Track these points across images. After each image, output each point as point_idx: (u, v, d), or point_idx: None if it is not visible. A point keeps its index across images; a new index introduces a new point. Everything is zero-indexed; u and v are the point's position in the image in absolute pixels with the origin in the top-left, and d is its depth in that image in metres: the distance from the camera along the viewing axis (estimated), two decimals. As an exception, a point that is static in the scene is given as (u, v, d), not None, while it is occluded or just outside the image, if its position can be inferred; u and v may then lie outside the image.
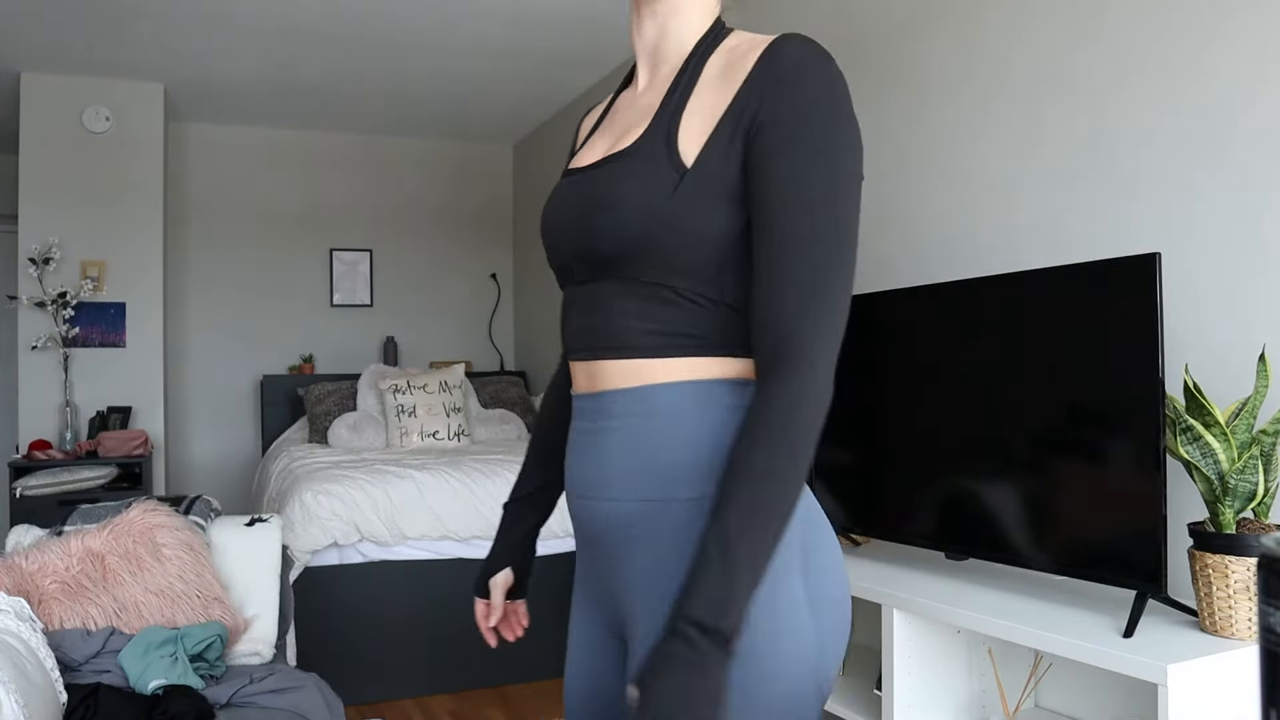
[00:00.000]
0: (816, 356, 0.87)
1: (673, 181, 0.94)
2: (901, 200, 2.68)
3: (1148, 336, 1.66)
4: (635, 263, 0.95)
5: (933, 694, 2.00)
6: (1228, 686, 1.53)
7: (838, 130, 0.90)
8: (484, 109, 5.30)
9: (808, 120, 0.90)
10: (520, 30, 4.08)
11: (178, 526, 2.31)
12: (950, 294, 2.11)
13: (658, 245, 0.93)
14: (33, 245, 4.48)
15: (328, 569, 3.35)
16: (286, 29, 4.03)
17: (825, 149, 0.89)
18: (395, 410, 4.62)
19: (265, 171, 5.58)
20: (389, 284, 5.84)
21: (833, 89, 0.91)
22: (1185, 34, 1.92)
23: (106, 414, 4.53)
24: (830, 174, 0.89)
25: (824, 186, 0.88)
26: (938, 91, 2.56)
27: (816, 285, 0.87)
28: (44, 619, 2.06)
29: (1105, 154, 2.09)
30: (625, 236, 0.95)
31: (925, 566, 2.23)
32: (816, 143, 0.89)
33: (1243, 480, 1.59)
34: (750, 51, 0.95)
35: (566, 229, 1.03)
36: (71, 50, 4.25)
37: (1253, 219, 1.80)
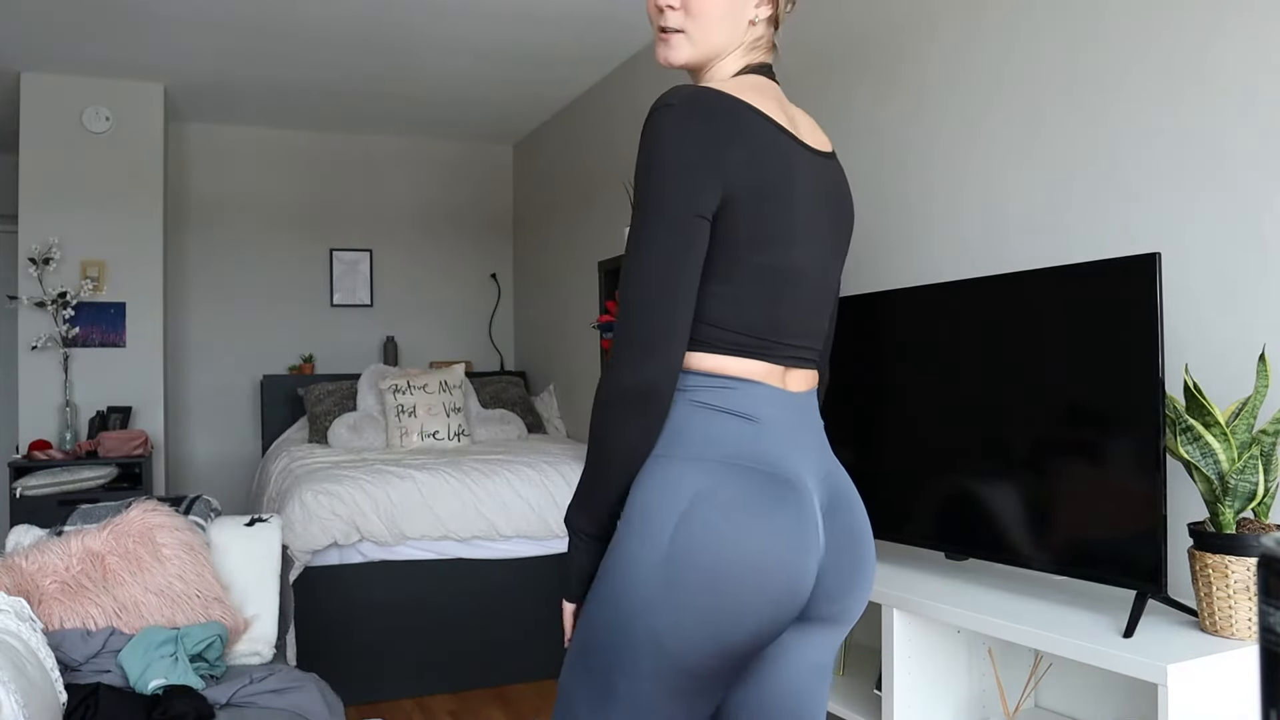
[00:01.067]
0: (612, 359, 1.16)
1: None
2: (901, 200, 2.68)
3: (1148, 336, 1.66)
4: None
5: (933, 694, 2.00)
6: (1228, 686, 1.53)
7: (641, 188, 1.15)
8: (484, 109, 5.30)
9: (635, 178, 1.17)
10: (520, 30, 4.08)
11: (178, 526, 2.31)
12: (950, 294, 2.11)
13: None
14: (33, 245, 4.48)
15: (328, 569, 3.35)
16: (286, 29, 4.03)
17: (637, 204, 1.16)
18: (395, 410, 4.62)
19: (265, 171, 5.58)
20: (389, 284, 5.84)
21: (646, 145, 1.15)
22: (1185, 34, 1.92)
23: (106, 414, 4.52)
24: (634, 225, 1.16)
25: (632, 234, 1.16)
26: (937, 92, 2.56)
27: (622, 304, 1.16)
28: (44, 619, 2.06)
29: (1105, 154, 2.09)
30: None
31: (925, 566, 2.23)
32: (636, 200, 1.16)
33: (1243, 480, 1.59)
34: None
35: None
36: (71, 50, 4.25)
37: (1253, 219, 1.80)
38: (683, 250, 1.13)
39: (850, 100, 2.89)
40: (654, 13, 1.27)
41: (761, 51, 1.30)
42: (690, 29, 1.25)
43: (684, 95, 1.15)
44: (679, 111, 1.13)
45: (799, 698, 1.24)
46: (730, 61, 1.28)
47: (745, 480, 1.14)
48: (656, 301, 1.13)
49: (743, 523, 1.12)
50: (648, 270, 1.13)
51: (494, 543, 3.50)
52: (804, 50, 3.07)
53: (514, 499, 3.48)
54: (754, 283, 1.18)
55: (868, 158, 2.81)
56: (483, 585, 3.52)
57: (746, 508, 1.13)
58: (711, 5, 1.23)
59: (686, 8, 1.24)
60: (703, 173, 1.13)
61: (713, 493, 1.13)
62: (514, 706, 3.35)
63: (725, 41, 1.26)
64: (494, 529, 3.45)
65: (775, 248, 1.19)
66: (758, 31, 1.28)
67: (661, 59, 1.28)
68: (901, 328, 2.24)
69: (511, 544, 3.52)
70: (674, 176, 1.12)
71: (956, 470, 2.09)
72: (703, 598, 1.11)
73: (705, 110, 1.14)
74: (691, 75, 1.32)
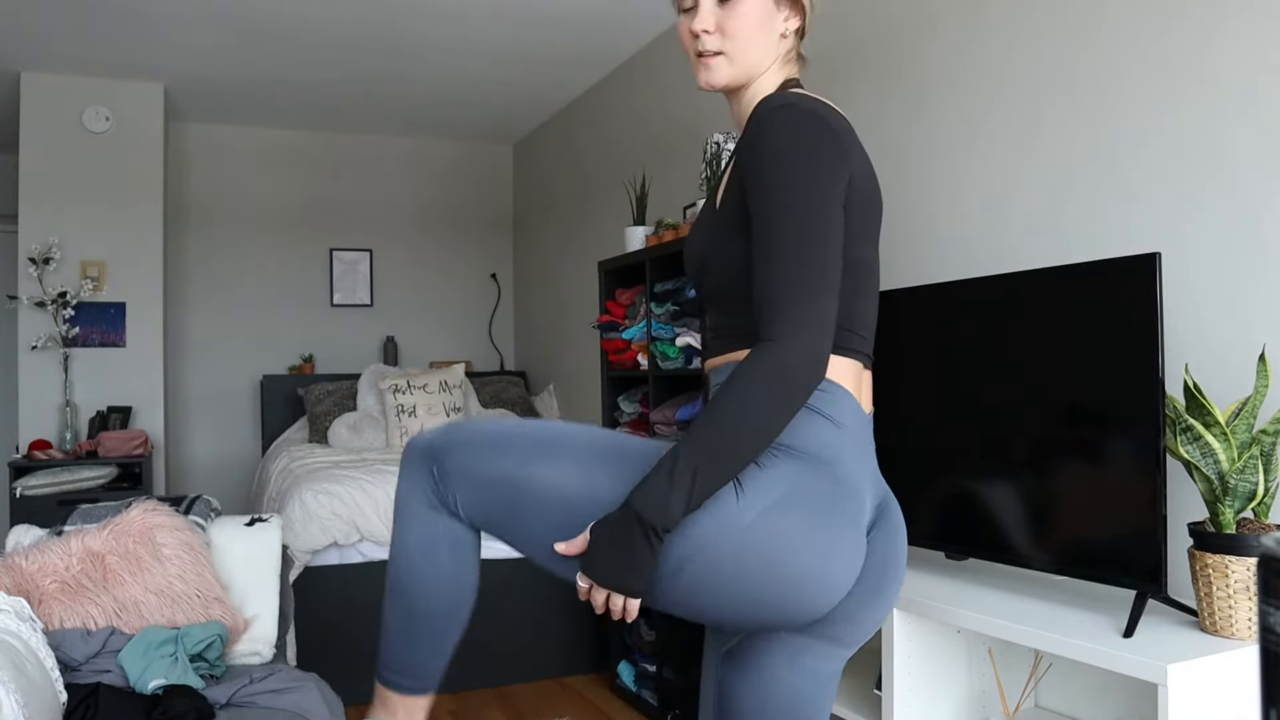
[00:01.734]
0: (778, 333, 1.08)
1: (707, 222, 1.27)
2: (901, 200, 2.68)
3: (1148, 336, 1.66)
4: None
5: (933, 694, 2.00)
6: (1228, 686, 1.53)
7: (787, 169, 1.13)
8: (484, 109, 5.30)
9: (763, 168, 1.15)
10: (520, 30, 4.08)
11: (178, 526, 2.31)
12: (950, 294, 2.11)
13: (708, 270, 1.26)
14: (33, 245, 4.48)
15: (328, 569, 3.35)
16: (286, 29, 4.03)
17: (782, 185, 1.13)
18: (395, 410, 4.62)
19: (265, 171, 5.58)
20: (389, 284, 5.84)
21: (782, 135, 1.15)
22: (1185, 34, 1.92)
23: (106, 414, 4.53)
24: (788, 202, 1.12)
25: (783, 213, 1.12)
26: (938, 92, 2.56)
27: (785, 281, 1.10)
28: (44, 619, 2.06)
29: (1105, 154, 2.09)
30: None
31: (925, 566, 2.23)
32: (774, 183, 1.13)
33: (1243, 480, 1.59)
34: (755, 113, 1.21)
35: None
36: (71, 50, 4.25)
37: (1253, 219, 1.80)
38: (836, 229, 1.13)
39: (850, 101, 2.89)
40: (689, 39, 1.29)
41: (793, 64, 1.34)
42: (729, 50, 1.26)
43: (801, 97, 1.19)
44: (803, 110, 1.16)
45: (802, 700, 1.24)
46: (769, 76, 1.30)
47: (828, 489, 1.15)
48: (830, 279, 1.11)
49: (813, 537, 1.12)
50: (815, 243, 1.11)
51: (494, 542, 3.49)
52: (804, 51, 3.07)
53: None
54: (846, 278, 1.19)
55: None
56: (483, 585, 3.50)
57: (821, 521, 1.13)
58: (746, 23, 1.25)
59: (722, 30, 1.26)
60: (840, 162, 1.16)
61: (800, 495, 1.13)
62: (514, 706, 3.35)
63: (761, 57, 1.28)
64: (494, 529, 3.45)
65: (867, 243, 1.24)
66: (788, 44, 1.32)
67: (704, 83, 1.29)
68: (901, 328, 2.24)
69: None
70: (822, 161, 1.13)
71: (956, 470, 2.09)
72: (746, 582, 1.11)
73: (826, 111, 1.19)
74: (732, 96, 1.33)
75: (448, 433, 1.22)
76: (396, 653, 1.25)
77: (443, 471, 1.19)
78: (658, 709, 3.13)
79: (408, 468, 1.22)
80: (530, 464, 1.17)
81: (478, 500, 1.19)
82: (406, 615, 1.23)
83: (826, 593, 1.14)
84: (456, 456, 1.19)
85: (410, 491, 1.22)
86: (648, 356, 3.28)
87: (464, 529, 1.23)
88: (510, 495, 1.17)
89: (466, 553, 1.25)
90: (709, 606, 1.14)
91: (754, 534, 1.10)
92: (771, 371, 1.07)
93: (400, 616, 1.24)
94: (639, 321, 3.40)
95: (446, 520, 1.22)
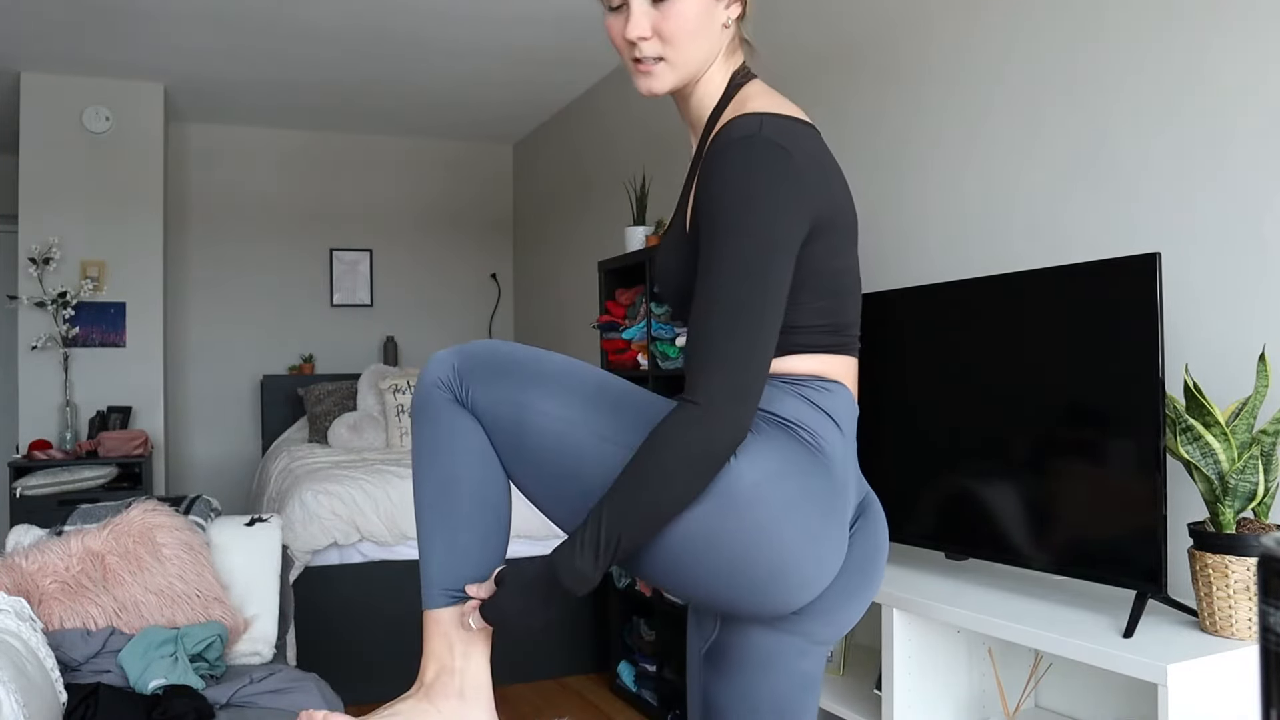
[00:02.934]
0: (706, 399, 1.03)
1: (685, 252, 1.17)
2: (900, 200, 2.68)
3: (1148, 336, 1.66)
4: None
5: (933, 694, 2.00)
6: (1228, 686, 1.53)
7: (738, 215, 1.06)
8: (484, 109, 5.29)
9: (714, 210, 1.08)
10: (520, 30, 4.08)
11: (178, 526, 2.31)
12: (950, 294, 2.11)
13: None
14: (33, 245, 4.48)
15: (328, 569, 3.35)
16: (286, 29, 4.03)
17: (732, 229, 1.06)
18: (395, 410, 4.62)
19: (265, 171, 5.58)
20: (389, 284, 5.84)
21: (736, 175, 1.07)
22: (1185, 34, 1.92)
23: (106, 414, 4.52)
24: (735, 253, 1.06)
25: (730, 265, 1.06)
26: (937, 92, 2.56)
27: (718, 342, 1.05)
28: (44, 619, 2.06)
29: (1105, 154, 2.09)
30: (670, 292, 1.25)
31: (925, 566, 2.23)
32: (723, 228, 1.07)
33: (1243, 480, 1.59)
34: (714, 142, 1.14)
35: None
36: (71, 50, 4.25)
37: (1253, 219, 1.80)
38: (780, 286, 1.08)
39: (850, 101, 2.89)
40: (624, 46, 1.19)
41: (738, 52, 1.25)
42: (669, 55, 1.17)
43: (763, 122, 1.11)
44: (763, 143, 1.09)
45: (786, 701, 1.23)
46: (715, 73, 1.23)
47: (823, 477, 1.13)
48: (762, 344, 1.06)
49: (803, 519, 1.10)
50: (751, 307, 1.05)
51: (494, 543, 3.50)
52: (803, 51, 3.07)
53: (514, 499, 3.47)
54: (834, 288, 1.20)
55: (867, 158, 2.81)
56: (483, 585, 3.51)
57: (812, 506, 1.11)
58: (685, 23, 1.15)
59: (660, 33, 1.16)
60: (798, 202, 1.09)
61: (795, 473, 1.11)
62: (514, 706, 3.35)
63: (706, 55, 1.20)
64: (494, 529, 3.45)
65: (848, 253, 1.22)
66: (730, 33, 1.23)
67: (644, 90, 1.20)
68: (901, 328, 2.24)
69: (512, 544, 3.48)
70: (778, 205, 1.07)
71: (956, 470, 2.09)
72: (729, 551, 1.07)
73: (789, 137, 1.11)
74: (678, 98, 1.26)
75: (472, 345, 1.20)
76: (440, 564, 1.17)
77: (463, 373, 1.16)
78: (658, 709, 3.13)
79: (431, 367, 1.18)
80: (539, 387, 1.14)
81: (489, 403, 1.15)
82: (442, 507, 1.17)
83: (806, 581, 1.12)
84: (478, 371, 1.16)
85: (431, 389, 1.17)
86: (648, 357, 3.28)
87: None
88: (514, 412, 1.14)
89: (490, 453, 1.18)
90: (687, 576, 1.11)
91: (746, 502, 1.07)
92: (695, 444, 1.03)
93: (434, 513, 1.17)
94: (639, 321, 3.40)
95: (469, 416, 1.17)
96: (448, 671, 1.14)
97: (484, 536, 1.18)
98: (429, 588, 1.18)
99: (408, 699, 1.15)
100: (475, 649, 1.16)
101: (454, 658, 1.14)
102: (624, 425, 1.12)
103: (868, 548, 1.23)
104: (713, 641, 1.28)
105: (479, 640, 1.16)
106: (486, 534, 1.18)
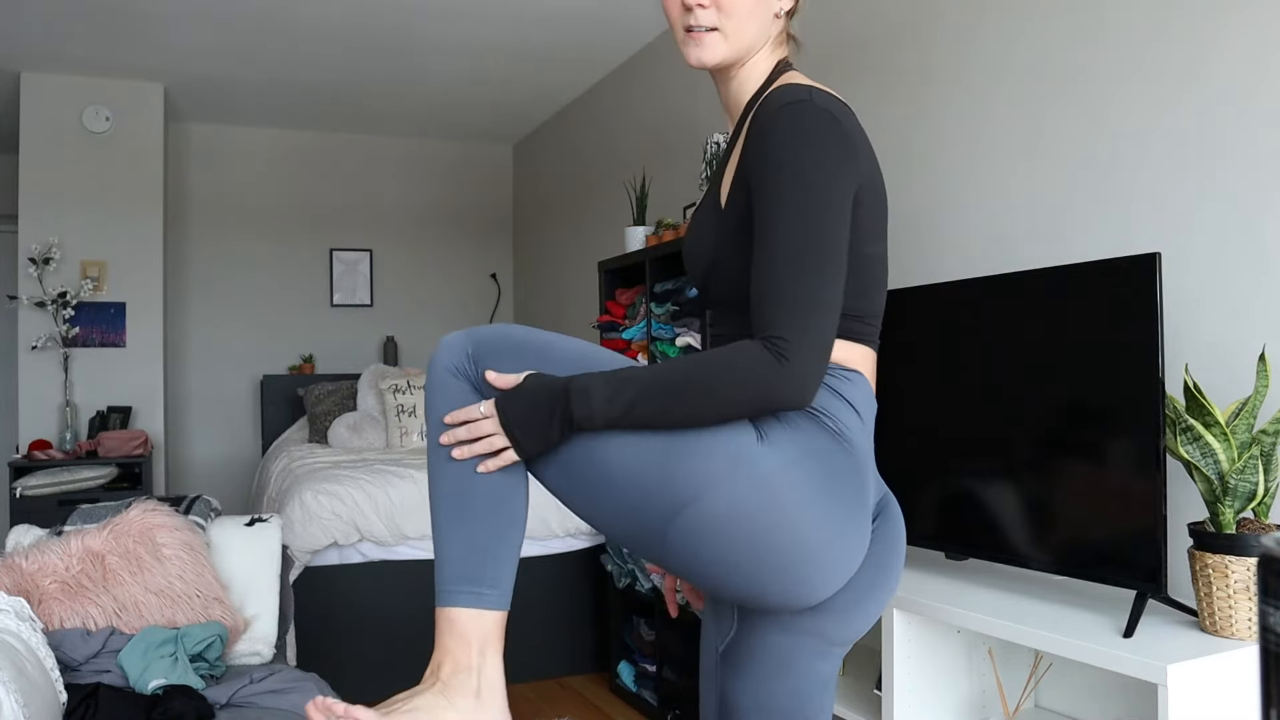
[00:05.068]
0: (787, 335, 1.05)
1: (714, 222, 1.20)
2: (901, 200, 2.68)
3: (1148, 336, 1.66)
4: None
5: (933, 694, 2.00)
6: (1228, 686, 1.53)
7: (797, 170, 1.08)
8: (484, 109, 5.30)
9: (769, 167, 1.09)
10: (520, 30, 4.08)
11: (178, 526, 2.31)
12: (950, 294, 2.11)
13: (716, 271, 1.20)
14: (33, 245, 4.48)
15: (328, 569, 3.35)
16: (287, 29, 4.03)
17: (792, 185, 1.08)
18: (395, 410, 4.62)
19: (265, 171, 5.58)
20: (389, 284, 5.84)
21: (793, 134, 1.09)
22: (1185, 34, 1.92)
23: (106, 414, 4.53)
24: (798, 203, 1.07)
25: (794, 214, 1.07)
26: (938, 92, 2.56)
27: (791, 285, 1.06)
28: (44, 619, 2.06)
29: (1105, 154, 2.09)
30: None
31: (925, 566, 2.23)
32: (783, 182, 1.08)
33: (1243, 480, 1.59)
34: (763, 107, 1.15)
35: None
36: (71, 50, 4.25)
37: (1253, 219, 1.80)
38: (843, 237, 1.09)
39: (850, 100, 2.88)
40: (679, 12, 1.20)
41: (784, 45, 1.28)
42: (725, 26, 1.18)
43: (812, 92, 1.13)
44: (815, 107, 1.10)
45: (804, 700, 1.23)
46: (761, 58, 1.24)
47: (849, 466, 1.12)
48: (828, 294, 1.07)
49: (829, 507, 1.08)
50: (819, 252, 1.06)
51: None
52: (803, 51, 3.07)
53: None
54: (863, 274, 1.17)
55: (868, 158, 2.81)
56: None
57: (839, 493, 1.10)
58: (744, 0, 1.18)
59: (719, 4, 1.17)
60: (845, 163, 1.10)
61: (823, 458, 1.09)
62: (514, 706, 3.34)
63: (757, 36, 1.21)
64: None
65: (879, 239, 1.20)
66: (781, 24, 1.25)
67: (694, 60, 1.20)
68: (901, 328, 2.24)
69: (512, 544, 3.51)
70: (832, 163, 1.08)
71: (956, 470, 2.09)
72: (751, 535, 1.06)
73: (838, 108, 1.13)
74: (720, 77, 1.26)
75: (484, 329, 1.19)
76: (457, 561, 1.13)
77: (476, 358, 1.15)
78: (657, 709, 3.13)
79: (443, 352, 1.17)
80: (553, 370, 1.13)
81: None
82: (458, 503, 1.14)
83: (829, 571, 1.10)
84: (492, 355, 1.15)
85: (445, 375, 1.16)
86: (648, 357, 3.28)
87: None
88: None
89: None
90: (707, 560, 1.08)
91: (771, 482, 1.06)
92: (764, 389, 1.04)
93: (450, 509, 1.14)
94: (639, 322, 3.40)
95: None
96: (465, 670, 1.12)
97: (501, 531, 1.15)
98: (445, 584, 1.13)
99: (424, 693, 1.12)
100: (490, 648, 1.14)
101: (471, 656, 1.12)
102: None
103: (887, 545, 1.21)
104: (730, 640, 1.27)
105: (494, 640, 1.14)
106: (504, 529, 1.15)
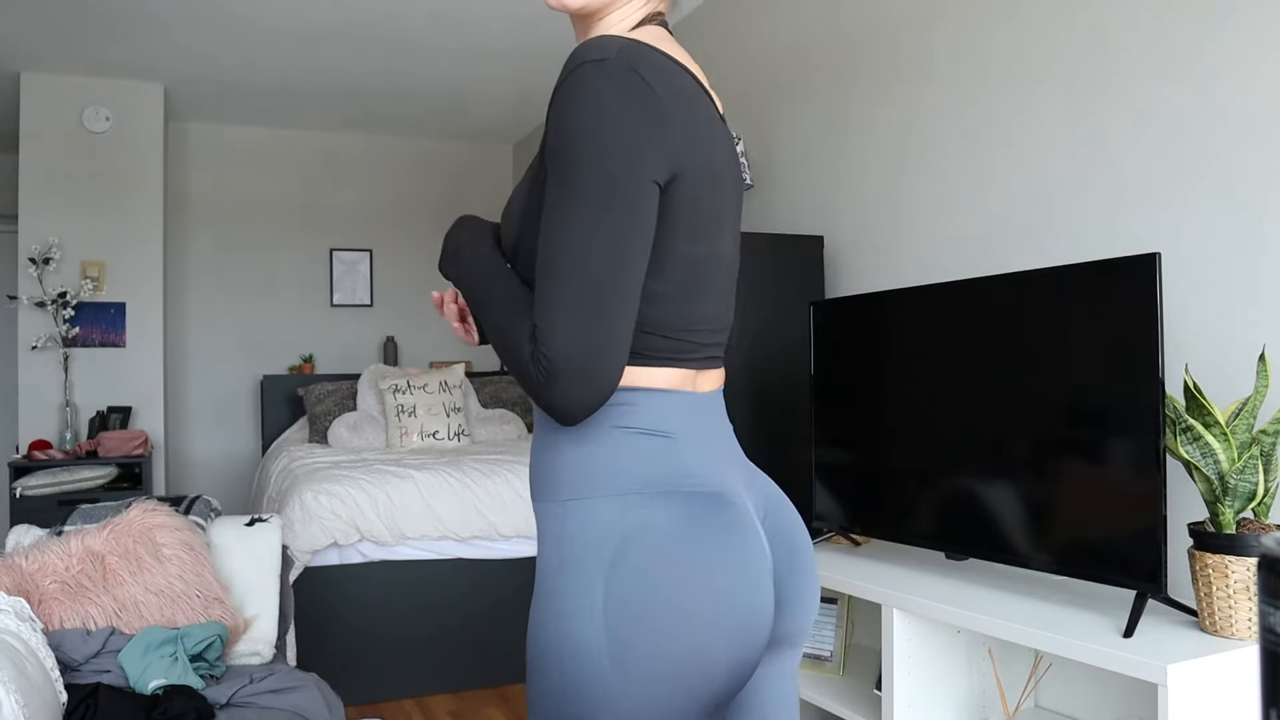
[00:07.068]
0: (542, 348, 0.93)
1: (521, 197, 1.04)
2: (899, 200, 2.68)
3: (1148, 336, 1.66)
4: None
5: (933, 694, 2.00)
6: (1228, 686, 1.53)
7: (581, 144, 0.92)
8: (484, 109, 5.30)
9: (548, 138, 0.96)
10: (520, 30, 4.08)
11: (178, 526, 2.31)
12: (950, 294, 2.11)
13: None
14: (33, 245, 4.48)
15: (328, 569, 3.35)
16: (287, 29, 4.03)
17: (570, 164, 0.93)
18: (395, 410, 4.62)
19: (265, 171, 5.58)
20: (389, 284, 5.84)
21: (588, 94, 0.93)
22: (1183, 34, 1.92)
23: (106, 414, 4.53)
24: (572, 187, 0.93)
25: (562, 207, 0.93)
26: (935, 92, 2.56)
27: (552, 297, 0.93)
28: (44, 619, 2.06)
29: (1104, 154, 2.09)
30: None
31: (925, 566, 2.23)
32: (559, 161, 0.94)
33: (1243, 480, 1.59)
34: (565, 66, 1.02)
35: None
36: (71, 50, 4.25)
37: (1253, 219, 1.80)
38: (632, 229, 0.93)
39: (849, 100, 2.89)
40: None
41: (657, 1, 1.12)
42: None
43: (618, 49, 0.94)
44: (615, 69, 0.93)
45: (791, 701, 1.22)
46: (630, 9, 1.09)
47: (676, 507, 0.97)
48: (605, 301, 0.92)
49: (684, 559, 0.95)
50: (590, 256, 0.91)
51: (494, 543, 3.50)
52: (803, 51, 3.07)
53: (514, 499, 3.47)
54: (680, 277, 1.01)
55: (867, 158, 2.81)
56: (483, 585, 3.51)
57: (684, 540, 0.96)
58: None
59: None
60: (652, 140, 0.93)
61: (642, 532, 0.95)
62: (514, 706, 3.35)
63: None
64: (494, 529, 3.45)
65: (709, 236, 1.03)
66: None
67: (554, 1, 1.07)
68: (901, 328, 2.24)
69: (511, 544, 3.51)
70: (621, 139, 0.92)
71: (956, 470, 2.09)
72: (658, 664, 0.93)
73: (647, 69, 0.95)
74: (579, 26, 1.12)
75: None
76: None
77: None
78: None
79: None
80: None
81: None
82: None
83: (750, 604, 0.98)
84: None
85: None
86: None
87: None
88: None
89: None
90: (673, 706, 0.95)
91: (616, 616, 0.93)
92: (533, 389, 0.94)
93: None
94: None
95: None
96: None
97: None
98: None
99: None
100: None
101: None
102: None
103: (784, 535, 1.10)
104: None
105: None
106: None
